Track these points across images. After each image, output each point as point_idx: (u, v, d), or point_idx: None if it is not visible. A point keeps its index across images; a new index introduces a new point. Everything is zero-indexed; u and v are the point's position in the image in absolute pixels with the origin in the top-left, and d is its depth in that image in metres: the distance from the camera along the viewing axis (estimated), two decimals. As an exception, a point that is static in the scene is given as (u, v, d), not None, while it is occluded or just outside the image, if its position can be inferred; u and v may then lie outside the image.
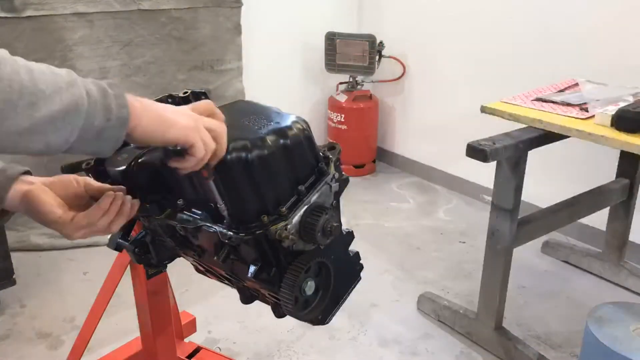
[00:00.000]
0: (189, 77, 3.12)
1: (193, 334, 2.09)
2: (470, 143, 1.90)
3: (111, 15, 2.80)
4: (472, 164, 2.01)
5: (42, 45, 2.62)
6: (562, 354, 2.21)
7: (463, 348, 2.24)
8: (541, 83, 2.45)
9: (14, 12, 2.53)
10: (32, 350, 2.20)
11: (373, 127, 3.93)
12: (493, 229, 2.09)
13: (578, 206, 2.34)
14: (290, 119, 1.07)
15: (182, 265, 1.45)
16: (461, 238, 3.09)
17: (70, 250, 2.88)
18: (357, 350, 2.23)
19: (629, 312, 1.73)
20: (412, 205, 3.49)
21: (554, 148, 2.21)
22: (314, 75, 3.94)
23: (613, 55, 2.70)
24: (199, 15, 3.05)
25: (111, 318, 2.29)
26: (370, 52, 3.64)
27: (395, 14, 3.79)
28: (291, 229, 1.01)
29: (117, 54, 2.87)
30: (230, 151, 0.97)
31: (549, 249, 2.90)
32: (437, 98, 3.65)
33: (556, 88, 2.31)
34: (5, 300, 2.46)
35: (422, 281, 2.68)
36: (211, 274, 1.28)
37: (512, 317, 2.39)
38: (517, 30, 3.09)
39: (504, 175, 2.01)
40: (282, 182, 1.02)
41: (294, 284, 1.01)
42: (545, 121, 1.93)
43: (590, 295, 2.56)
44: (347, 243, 1.19)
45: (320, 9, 3.84)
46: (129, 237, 1.28)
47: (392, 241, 3.06)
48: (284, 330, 2.30)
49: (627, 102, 1.97)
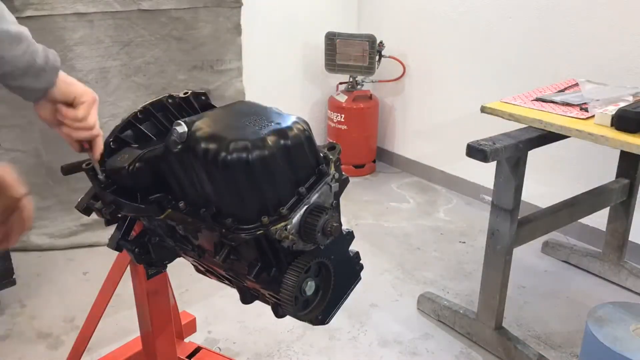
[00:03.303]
0: (189, 77, 3.12)
1: (193, 334, 2.09)
2: (470, 143, 1.90)
3: (111, 15, 2.80)
4: (472, 164, 2.01)
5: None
6: (562, 354, 2.21)
7: (463, 348, 2.24)
8: (541, 83, 2.45)
9: (14, 12, 2.51)
10: (32, 350, 2.20)
11: (373, 127, 3.93)
12: (493, 229, 2.09)
13: (578, 206, 2.34)
14: (290, 119, 1.07)
15: (182, 265, 1.45)
16: (461, 238, 3.09)
17: (70, 250, 2.89)
18: (357, 350, 2.23)
19: (629, 312, 1.73)
20: (412, 205, 3.49)
21: (554, 148, 2.21)
22: (314, 75, 3.94)
23: (613, 55, 2.70)
24: (199, 15, 3.05)
25: (111, 318, 2.30)
26: (370, 52, 3.64)
27: (395, 14, 3.79)
28: (291, 229, 1.01)
29: (117, 54, 2.87)
30: (230, 152, 0.98)
31: (549, 249, 2.90)
32: (437, 98, 3.65)
33: (556, 88, 2.31)
34: (5, 300, 2.46)
35: (422, 281, 2.68)
36: (211, 274, 1.28)
37: (512, 317, 2.40)
38: (517, 30, 3.09)
39: (504, 175, 2.01)
40: (283, 183, 1.02)
41: (294, 284, 1.01)
42: (545, 121, 1.94)
43: (590, 295, 2.56)
44: (347, 243, 1.19)
45: (320, 9, 3.84)
46: (129, 237, 1.28)
47: (392, 241, 3.06)
48: (284, 330, 2.30)
49: (627, 102, 1.97)
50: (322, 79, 3.98)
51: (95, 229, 2.93)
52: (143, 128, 1.23)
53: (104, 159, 1.18)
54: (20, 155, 2.77)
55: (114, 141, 1.20)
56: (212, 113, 1.14)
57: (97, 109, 1.13)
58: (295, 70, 3.88)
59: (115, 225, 1.28)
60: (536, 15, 2.99)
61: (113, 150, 1.20)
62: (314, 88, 4.00)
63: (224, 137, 1.00)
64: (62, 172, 1.27)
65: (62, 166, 1.27)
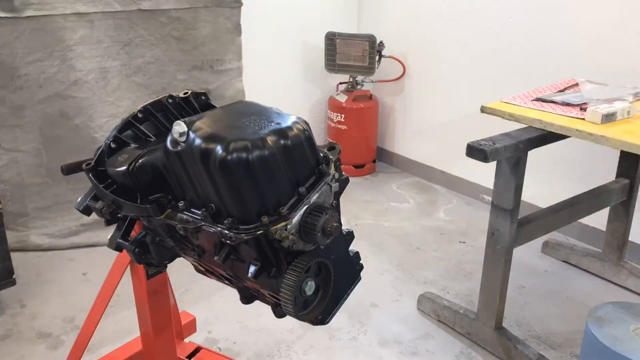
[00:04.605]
0: (189, 77, 3.12)
1: (193, 334, 2.09)
2: (470, 143, 1.89)
3: (111, 15, 2.80)
4: (472, 164, 2.01)
5: (42, 45, 2.62)
6: (562, 354, 2.21)
7: (463, 348, 2.24)
8: (541, 83, 2.45)
9: (14, 12, 2.53)
10: (32, 350, 2.20)
11: (373, 127, 3.93)
12: (493, 229, 2.09)
13: (578, 206, 2.34)
14: (290, 119, 1.07)
15: (182, 265, 1.45)
16: (461, 238, 3.09)
17: (70, 251, 2.89)
18: (357, 350, 2.23)
19: (629, 312, 1.73)
20: (412, 205, 3.49)
21: (554, 148, 2.21)
22: (314, 75, 3.95)
23: (613, 55, 2.70)
24: (199, 15, 3.05)
25: (111, 318, 2.30)
26: (370, 52, 3.64)
27: (395, 14, 3.79)
28: (291, 229, 1.01)
29: (117, 54, 2.87)
30: (230, 151, 0.98)
31: (549, 249, 2.90)
32: (437, 98, 3.65)
33: (556, 88, 2.31)
34: (5, 300, 2.46)
35: (422, 281, 2.68)
36: (211, 274, 1.28)
37: (512, 317, 2.40)
38: (517, 30, 3.09)
39: (504, 175, 2.01)
40: (282, 183, 1.02)
41: (294, 284, 1.01)
42: (545, 121, 1.93)
43: (590, 295, 2.56)
44: (347, 243, 1.19)
45: (320, 9, 3.84)
46: (129, 237, 1.28)
47: (392, 241, 3.06)
48: (284, 330, 2.30)
49: (625, 101, 1.97)
50: (322, 79, 3.98)
51: (95, 229, 2.93)
52: (143, 128, 1.23)
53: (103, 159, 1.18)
54: (20, 155, 2.77)
55: (114, 141, 1.20)
56: (212, 113, 1.14)
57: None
58: (295, 70, 3.88)
59: (115, 225, 1.28)
60: (536, 15, 2.99)
61: (113, 150, 1.20)
62: (314, 88, 4.00)
63: (224, 137, 1.00)
64: (62, 172, 1.27)
65: (62, 166, 1.27)
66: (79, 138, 2.82)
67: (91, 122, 2.84)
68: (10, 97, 2.67)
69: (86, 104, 2.81)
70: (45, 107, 2.74)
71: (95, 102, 2.84)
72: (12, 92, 2.66)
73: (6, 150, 2.73)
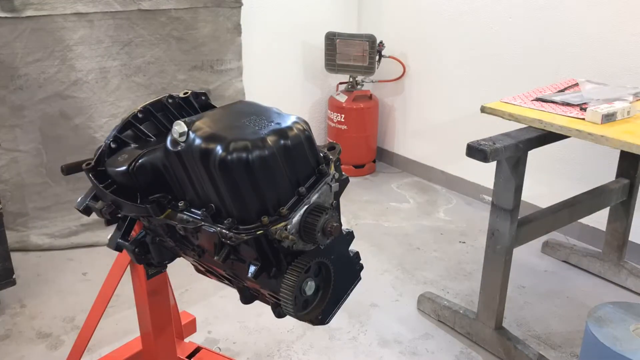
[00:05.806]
0: (189, 77, 3.13)
1: (193, 334, 2.09)
2: (470, 143, 1.90)
3: (111, 15, 2.80)
4: (472, 164, 2.01)
5: (42, 45, 2.62)
6: (562, 354, 2.21)
7: (463, 348, 2.24)
8: (541, 83, 2.45)
9: (14, 12, 2.53)
10: (32, 350, 2.20)
11: (373, 127, 3.93)
12: (493, 229, 2.09)
13: (578, 206, 2.34)
14: (290, 119, 1.07)
15: (182, 265, 1.45)
16: (461, 238, 3.09)
17: (70, 250, 2.89)
18: (357, 350, 2.23)
19: (629, 312, 1.73)
20: (412, 205, 3.49)
21: (554, 148, 2.21)
22: (314, 75, 3.94)
23: (613, 55, 2.70)
24: (199, 15, 3.05)
25: (111, 318, 2.30)
26: (370, 52, 3.64)
27: (395, 14, 3.79)
28: (291, 229, 1.01)
29: (117, 54, 2.87)
30: (230, 151, 0.98)
31: (549, 249, 2.90)
32: (437, 98, 3.65)
33: (556, 88, 2.31)
34: (5, 300, 2.46)
35: (422, 281, 2.68)
36: (211, 274, 1.28)
37: (512, 317, 2.40)
38: (517, 30, 3.09)
39: (504, 175, 2.01)
40: (283, 183, 1.02)
41: (294, 284, 1.01)
42: (545, 121, 1.94)
43: (590, 295, 2.56)
44: (347, 243, 1.19)
45: (320, 9, 3.84)
46: (129, 237, 1.28)
47: (392, 241, 3.06)
48: (284, 330, 2.30)
49: (625, 101, 1.97)
50: (322, 79, 3.98)
51: (95, 229, 2.93)
52: (143, 128, 1.23)
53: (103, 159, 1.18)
54: (20, 155, 2.77)
55: (114, 141, 1.20)
56: (212, 113, 1.14)
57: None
58: (295, 70, 3.88)
59: (115, 225, 1.28)
60: (536, 15, 2.99)
61: (113, 150, 1.20)
62: (314, 88, 4.00)
63: (224, 137, 1.00)
64: (62, 172, 1.27)
65: (62, 166, 1.27)
66: (79, 138, 2.83)
67: (91, 122, 2.84)
68: (10, 97, 2.67)
69: (86, 104, 2.81)
70: (45, 107, 2.74)
71: (95, 102, 2.84)
72: (12, 92, 2.66)
73: (6, 150, 2.73)
